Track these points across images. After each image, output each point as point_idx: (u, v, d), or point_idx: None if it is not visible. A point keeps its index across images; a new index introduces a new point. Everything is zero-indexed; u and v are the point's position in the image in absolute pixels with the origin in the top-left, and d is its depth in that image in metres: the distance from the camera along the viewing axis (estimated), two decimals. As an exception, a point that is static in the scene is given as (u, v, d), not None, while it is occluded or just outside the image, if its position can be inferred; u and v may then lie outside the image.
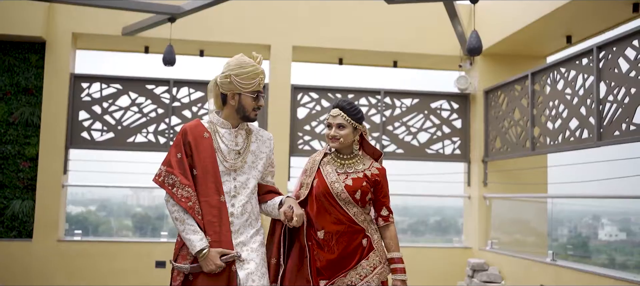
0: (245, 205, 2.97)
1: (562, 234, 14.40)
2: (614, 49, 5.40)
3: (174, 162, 2.91)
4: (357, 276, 2.99)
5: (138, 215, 14.67)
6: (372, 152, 3.23)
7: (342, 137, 3.10)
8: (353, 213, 3.05)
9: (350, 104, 3.14)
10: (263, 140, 3.15)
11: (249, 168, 3.03)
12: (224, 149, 2.98)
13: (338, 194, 3.04)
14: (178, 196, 2.84)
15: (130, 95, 7.62)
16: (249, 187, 3.00)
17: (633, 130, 5.11)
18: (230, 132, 3.03)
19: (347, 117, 3.09)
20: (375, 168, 3.15)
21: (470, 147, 8.10)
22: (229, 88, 2.98)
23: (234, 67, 3.00)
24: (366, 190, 3.07)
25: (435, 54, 8.05)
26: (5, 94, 7.28)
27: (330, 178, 3.08)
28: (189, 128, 3.00)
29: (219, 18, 7.54)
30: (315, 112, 7.93)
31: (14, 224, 7.19)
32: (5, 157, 7.22)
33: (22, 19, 7.12)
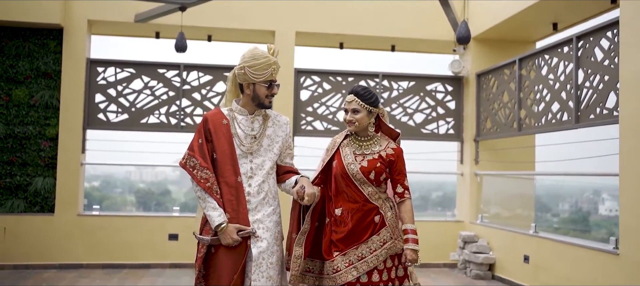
0: (262, 185, 3.20)
1: (563, 209, 14.87)
2: (591, 39, 5.86)
3: (195, 146, 3.19)
4: (367, 249, 3.16)
5: (141, 191, 15.10)
6: (390, 132, 3.38)
7: (357, 121, 3.24)
8: (368, 193, 3.21)
9: (364, 89, 3.29)
10: (280, 125, 3.35)
11: (265, 151, 3.24)
12: (241, 134, 3.21)
13: (354, 175, 3.21)
14: (198, 177, 3.12)
15: (143, 79, 8.10)
16: (265, 169, 3.23)
17: (606, 114, 5.59)
18: (247, 118, 3.25)
19: (361, 102, 3.23)
20: (390, 149, 3.28)
21: (463, 127, 8.58)
22: (244, 79, 3.20)
23: (248, 59, 3.19)
24: (380, 170, 3.22)
25: (430, 39, 8.50)
26: (26, 78, 7.77)
27: (348, 160, 3.25)
28: (209, 116, 3.24)
29: (226, 5, 7.97)
30: (317, 94, 8.41)
31: (36, 200, 7.73)
32: (28, 137, 7.73)
33: (41, 7, 7.57)
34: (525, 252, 6.78)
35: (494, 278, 7.46)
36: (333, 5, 8.34)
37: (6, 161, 7.69)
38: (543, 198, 15.91)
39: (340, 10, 8.34)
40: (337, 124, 8.36)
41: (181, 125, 8.08)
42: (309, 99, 8.39)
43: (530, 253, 6.69)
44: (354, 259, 3.17)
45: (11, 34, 7.76)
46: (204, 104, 8.15)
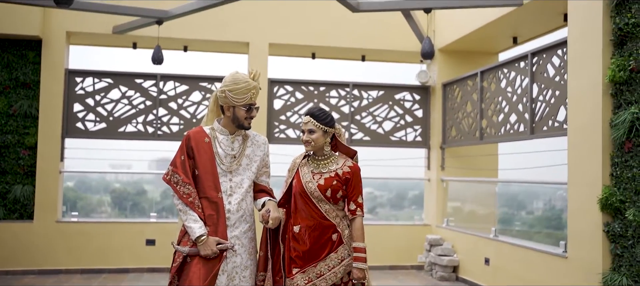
0: (241, 203, 3.37)
1: (537, 207, 15.36)
2: (544, 56, 6.27)
3: (178, 162, 3.35)
4: (326, 267, 3.31)
5: (117, 191, 15.12)
6: (347, 151, 3.53)
7: (313, 141, 3.39)
8: (325, 210, 3.35)
9: (320, 110, 3.44)
10: (258, 145, 3.51)
11: (244, 170, 3.41)
12: (221, 153, 3.37)
13: (311, 192, 3.35)
14: (180, 192, 3.29)
15: (121, 89, 8.33)
16: (244, 187, 3.39)
17: (557, 127, 6.00)
18: (227, 138, 3.41)
19: (316, 123, 3.38)
20: (347, 167, 3.42)
21: (430, 134, 8.97)
22: (224, 101, 3.35)
23: (229, 83, 3.32)
24: (337, 188, 3.36)
25: (398, 50, 8.88)
26: (5, 88, 7.95)
27: (306, 179, 3.39)
28: (192, 134, 3.40)
29: (202, 17, 8.23)
30: (290, 103, 8.72)
31: (15, 207, 7.92)
32: (7, 146, 7.92)
33: (20, 19, 7.77)
34: (486, 255, 7.18)
35: (457, 279, 7.86)
36: (305, 17, 8.66)
37: (-15, 169, 7.87)
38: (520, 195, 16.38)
39: (312, 22, 8.66)
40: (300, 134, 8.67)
41: (158, 133, 8.34)
42: (281, 108, 8.70)
43: (490, 255, 7.09)
44: (313, 276, 3.30)
45: (-10, 45, 7.94)
46: (180, 113, 8.41)
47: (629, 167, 4.83)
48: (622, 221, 4.89)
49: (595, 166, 5.13)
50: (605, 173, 5.06)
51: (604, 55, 5.07)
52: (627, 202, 4.84)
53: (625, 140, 4.85)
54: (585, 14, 5.29)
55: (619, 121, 4.87)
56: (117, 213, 12.61)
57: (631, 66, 4.78)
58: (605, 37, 5.06)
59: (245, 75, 3.36)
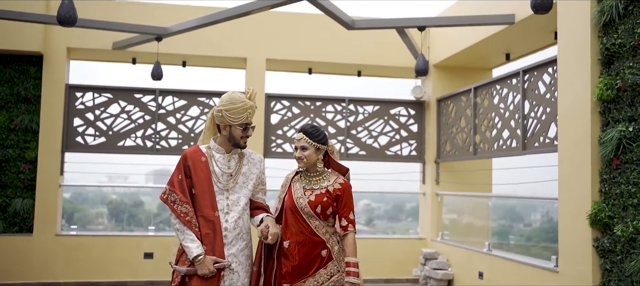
0: (237, 221, 3.39)
1: (535, 219, 15.49)
2: (535, 73, 6.42)
3: (175, 182, 3.37)
4: (315, 282, 3.33)
5: (114, 202, 15.15)
6: (339, 168, 3.56)
7: (305, 157, 3.43)
8: (314, 226, 3.39)
9: (313, 127, 3.48)
10: (254, 162, 3.54)
11: (240, 188, 3.44)
12: (218, 172, 3.40)
13: (302, 208, 3.39)
14: (178, 211, 3.31)
15: (120, 104, 8.46)
16: (240, 205, 3.42)
17: (548, 143, 6.14)
18: (224, 156, 3.44)
19: (309, 140, 3.43)
20: (338, 184, 3.45)
21: (424, 149, 9.10)
22: (221, 121, 3.38)
23: (225, 102, 3.36)
24: (327, 204, 3.39)
25: (394, 66, 9.02)
26: (6, 103, 8.07)
27: (297, 194, 3.44)
28: (188, 154, 3.42)
29: (200, 33, 8.36)
30: (287, 118, 8.85)
31: (15, 220, 8.02)
32: (7, 159, 8.02)
33: (22, 35, 7.90)
34: (480, 269, 7.28)
35: (452, 292, 7.96)
36: (302, 34, 8.81)
37: (-14, 183, 7.97)
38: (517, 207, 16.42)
39: (308, 38, 8.81)
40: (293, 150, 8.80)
41: (157, 148, 8.45)
42: (278, 123, 8.83)
43: (484, 269, 7.20)
44: None
45: (-8, 61, 8.07)
46: (179, 128, 8.53)
47: (617, 184, 4.95)
48: (611, 236, 5.00)
49: (585, 182, 5.25)
50: (594, 189, 5.18)
51: (592, 74, 5.20)
52: (616, 217, 4.96)
53: (613, 157, 4.97)
54: (573, 34, 5.44)
55: (607, 138, 4.99)
56: (114, 225, 12.65)
57: (618, 85, 4.92)
58: (593, 56, 5.20)
59: (242, 95, 3.40)
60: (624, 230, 4.80)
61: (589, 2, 5.21)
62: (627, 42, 4.83)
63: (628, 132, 4.78)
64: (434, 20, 7.25)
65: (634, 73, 4.74)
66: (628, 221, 4.77)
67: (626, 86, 4.82)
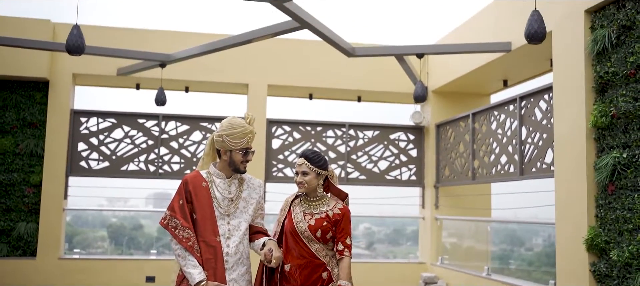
0: (238, 246, 3.40)
1: (536, 244, 15.53)
2: (531, 100, 6.55)
3: (176, 207, 3.36)
4: None
5: (113, 226, 15.17)
6: (338, 193, 3.62)
7: (306, 182, 3.50)
8: (315, 249, 3.45)
9: (314, 153, 3.54)
10: (253, 187, 3.56)
11: (241, 213, 3.45)
12: (219, 197, 3.41)
13: (302, 232, 3.46)
14: (180, 237, 3.30)
15: (124, 129, 8.59)
16: (241, 230, 3.43)
17: (545, 168, 6.25)
18: (224, 181, 3.45)
19: (310, 165, 3.50)
20: (337, 209, 3.52)
21: (424, 173, 9.20)
22: (221, 146, 3.41)
23: (226, 127, 3.39)
24: (327, 228, 3.46)
25: (393, 91, 9.16)
26: (12, 128, 8.20)
27: (297, 218, 3.50)
28: (189, 179, 3.42)
29: (203, 59, 8.51)
30: (288, 142, 8.97)
31: (19, 244, 8.09)
32: (12, 184, 8.13)
33: (30, 62, 8.05)
34: (479, 292, 7.34)
35: (452, 316, 8.00)
36: (303, 60, 8.97)
37: (-10, 207, 8.07)
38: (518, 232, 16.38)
39: (309, 64, 8.97)
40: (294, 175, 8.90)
41: (159, 172, 8.56)
42: (279, 147, 8.94)
43: (483, 293, 7.26)
44: None
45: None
46: (181, 152, 8.65)
47: (612, 209, 5.05)
48: (608, 261, 5.08)
49: (581, 207, 5.35)
50: (590, 214, 5.28)
51: (587, 101, 5.33)
52: (612, 242, 5.04)
53: (608, 183, 5.08)
54: (568, 62, 5.58)
55: (602, 164, 5.10)
56: (114, 248, 12.66)
57: (612, 112, 5.04)
58: (587, 84, 5.33)
59: (242, 120, 3.44)
60: (620, 255, 4.88)
61: (582, 32, 5.36)
62: (619, 71, 4.97)
63: (622, 158, 4.89)
64: (432, 48, 7.40)
65: (626, 101, 4.87)
66: (624, 246, 4.86)
67: (619, 113, 4.95)
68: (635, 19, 4.82)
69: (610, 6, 5.11)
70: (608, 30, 5.07)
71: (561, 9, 5.68)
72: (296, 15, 5.69)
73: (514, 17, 6.58)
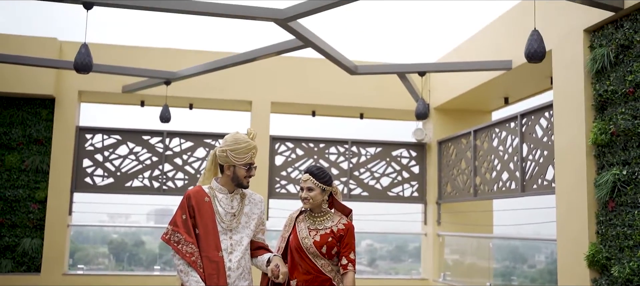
0: (240, 260, 3.40)
1: (539, 261, 15.54)
2: (532, 118, 6.63)
3: (179, 222, 3.37)
4: None
5: (114, 242, 15.15)
6: (342, 209, 3.66)
7: (311, 198, 3.54)
8: (320, 265, 3.50)
9: (319, 169, 3.59)
10: (255, 203, 3.58)
11: (243, 228, 3.47)
12: (222, 212, 3.42)
13: (307, 248, 3.50)
14: (183, 252, 3.30)
15: (128, 145, 8.67)
16: (243, 245, 3.44)
17: (546, 185, 6.30)
18: (227, 196, 3.46)
19: (315, 181, 3.54)
20: (342, 224, 3.57)
21: (426, 190, 9.26)
22: (225, 161, 3.42)
23: (230, 143, 3.41)
24: (332, 244, 3.51)
25: (395, 108, 9.25)
26: (18, 144, 8.29)
27: (302, 234, 3.54)
28: (192, 194, 3.42)
29: (207, 76, 8.59)
30: (291, 159, 9.04)
31: (24, 259, 8.15)
32: (18, 200, 8.20)
33: (36, 79, 8.16)
34: (481, 309, 7.37)
35: (454, 332, 8.01)
36: (306, 78, 9.07)
37: (-4, 223, 8.13)
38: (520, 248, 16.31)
39: (312, 81, 9.07)
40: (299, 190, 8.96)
41: (163, 188, 8.63)
42: (283, 164, 9.01)
43: (485, 309, 7.28)
44: None
45: (6, 103, 8.31)
46: (185, 169, 8.72)
47: (613, 225, 5.10)
48: (609, 277, 5.12)
49: (582, 223, 5.40)
50: (591, 230, 5.33)
51: (587, 118, 5.40)
52: (613, 258, 5.09)
53: (608, 200, 5.13)
54: (568, 81, 5.66)
55: (602, 181, 5.16)
56: (115, 265, 12.67)
57: (611, 130, 5.11)
58: (587, 102, 5.41)
59: (245, 136, 3.47)
60: (621, 271, 4.92)
61: (581, 51, 5.45)
62: (618, 89, 5.04)
63: (622, 175, 4.95)
64: (434, 66, 7.49)
65: (626, 119, 4.94)
66: (624, 263, 4.90)
67: (619, 131, 5.02)
68: (633, 38, 4.91)
69: (608, 26, 5.21)
70: (607, 50, 5.15)
71: (560, 28, 5.77)
72: (300, 34, 5.79)
73: (514, 35, 6.68)
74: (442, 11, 51.63)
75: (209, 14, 5.15)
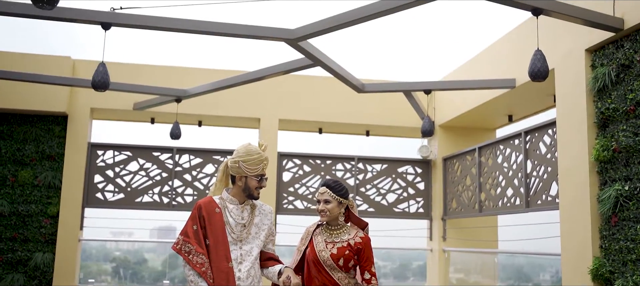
0: (250, 271, 3.44)
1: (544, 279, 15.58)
2: (536, 135, 6.77)
3: (190, 232, 3.42)
4: None
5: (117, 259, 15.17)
6: (358, 222, 3.69)
7: (328, 211, 3.56)
8: (337, 278, 3.52)
9: (336, 182, 3.63)
10: (265, 214, 3.64)
11: (253, 239, 3.51)
12: (232, 222, 3.47)
13: (324, 261, 3.52)
14: (193, 262, 3.34)
15: (139, 161, 8.83)
16: (253, 255, 3.48)
17: (550, 200, 6.43)
18: (237, 207, 3.51)
19: (332, 194, 3.57)
20: (359, 238, 3.59)
21: (431, 206, 9.38)
22: (237, 171, 3.47)
23: (242, 154, 3.48)
24: (349, 257, 3.52)
25: (401, 126, 9.41)
26: (31, 160, 8.45)
27: (319, 247, 3.56)
28: (203, 204, 3.48)
29: (216, 94, 8.75)
30: (298, 175, 9.19)
31: (35, 274, 8.27)
32: (30, 215, 8.35)
33: (50, 97, 8.34)
34: (487, 323, 7.46)
35: (460, 347, 8.09)
36: (313, 95, 9.24)
37: (9, 237, 8.26)
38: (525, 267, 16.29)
39: (319, 99, 9.24)
40: (315, 203, 9.08)
41: (173, 204, 8.77)
42: (290, 180, 9.16)
43: (491, 324, 7.38)
44: None
45: (20, 120, 8.49)
46: (195, 184, 8.87)
47: (616, 240, 5.22)
48: (612, 290, 5.24)
49: (586, 238, 5.52)
50: (595, 245, 5.45)
51: (589, 135, 5.55)
52: (616, 272, 5.20)
53: (611, 215, 5.26)
54: (571, 98, 5.81)
55: (605, 197, 5.30)
56: (118, 282, 12.74)
57: (613, 147, 5.25)
58: (589, 119, 5.56)
59: (257, 147, 3.53)
60: (624, 285, 5.04)
61: (583, 70, 5.61)
62: (620, 107, 5.20)
63: (624, 190, 5.08)
64: (439, 84, 7.66)
65: (627, 136, 5.08)
66: (628, 276, 5.02)
67: (621, 148, 5.16)
68: (633, 58, 5.07)
69: (609, 46, 5.37)
70: (608, 69, 5.31)
71: (563, 48, 5.94)
72: (309, 53, 5.95)
73: (518, 55, 6.85)
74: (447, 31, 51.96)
75: (225, 35, 5.33)
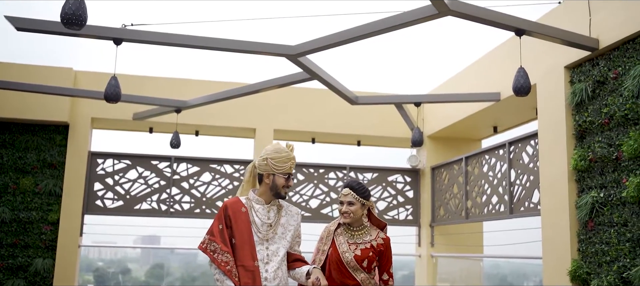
0: (277, 271, 3.45)
1: (530, 286, 15.88)
2: (519, 145, 7.17)
3: (216, 231, 3.45)
4: None
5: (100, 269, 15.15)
6: (378, 223, 3.73)
7: (352, 212, 3.58)
8: (361, 279, 3.54)
9: (358, 184, 3.63)
10: (291, 215, 3.65)
11: (279, 239, 3.52)
12: (258, 222, 3.49)
13: (348, 262, 3.53)
14: (219, 261, 3.37)
15: (138, 170, 9.11)
16: (280, 255, 3.49)
17: (532, 208, 6.82)
18: (264, 207, 3.53)
19: (355, 195, 3.59)
20: (381, 239, 3.62)
21: (420, 213, 9.75)
22: (265, 169, 3.49)
23: (271, 152, 3.53)
24: (372, 259, 3.55)
25: (391, 136, 9.78)
26: (32, 168, 8.70)
27: (342, 248, 3.57)
28: (229, 204, 3.52)
29: (213, 105, 9.05)
30: (292, 184, 9.48)
31: (36, 279, 8.50)
32: (31, 221, 8.59)
33: (51, 107, 8.60)
34: (473, 325, 7.81)
35: (448, 349, 8.44)
36: (307, 107, 9.59)
37: (10, 243, 8.49)
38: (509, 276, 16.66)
39: (313, 110, 9.58)
40: (309, 211, 9.42)
41: (170, 211, 9.06)
42: (285, 188, 9.45)
43: (477, 325, 7.73)
44: None
45: (22, 129, 8.75)
46: (192, 192, 9.16)
47: (592, 243, 5.61)
48: (590, 291, 5.62)
49: (565, 242, 5.90)
50: (573, 248, 5.83)
51: (568, 146, 5.94)
52: (593, 273, 5.58)
53: (588, 220, 5.65)
54: (551, 112, 6.21)
55: (582, 203, 5.68)
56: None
57: (590, 157, 5.65)
58: (568, 131, 5.96)
59: (285, 147, 3.59)
60: (600, 284, 5.42)
61: (563, 86, 6.02)
62: (595, 120, 5.60)
63: (599, 197, 5.47)
64: (428, 97, 8.04)
65: (602, 147, 5.48)
66: (603, 277, 5.40)
67: (596, 158, 5.56)
68: (607, 75, 5.48)
69: (586, 63, 5.78)
70: (585, 85, 5.72)
71: (544, 65, 6.35)
72: (307, 67, 6.30)
73: (503, 70, 7.25)
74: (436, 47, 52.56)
75: (232, 51, 5.66)
